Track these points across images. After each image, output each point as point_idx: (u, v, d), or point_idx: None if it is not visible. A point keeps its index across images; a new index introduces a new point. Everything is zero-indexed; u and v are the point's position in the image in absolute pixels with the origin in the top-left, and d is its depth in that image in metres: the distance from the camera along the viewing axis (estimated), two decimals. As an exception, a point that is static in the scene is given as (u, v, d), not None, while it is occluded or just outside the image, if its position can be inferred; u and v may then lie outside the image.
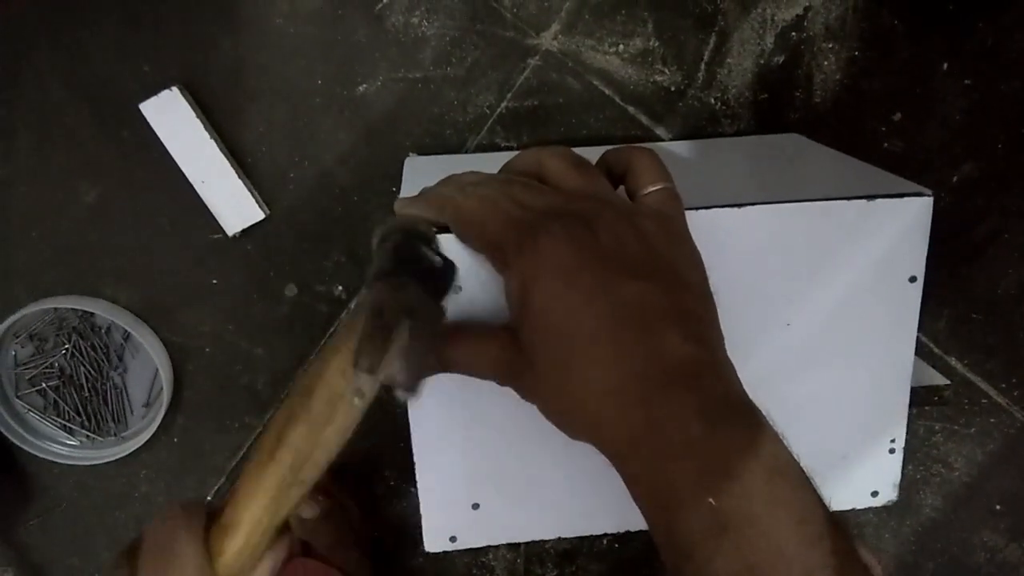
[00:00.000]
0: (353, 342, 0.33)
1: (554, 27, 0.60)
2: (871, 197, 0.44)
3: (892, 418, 0.49)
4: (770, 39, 0.61)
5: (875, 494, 0.51)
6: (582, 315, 0.33)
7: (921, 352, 0.67)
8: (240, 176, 0.61)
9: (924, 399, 0.56)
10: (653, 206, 0.38)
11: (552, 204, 0.36)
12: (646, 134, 0.63)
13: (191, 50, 0.59)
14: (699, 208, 0.42)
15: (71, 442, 0.67)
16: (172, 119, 0.59)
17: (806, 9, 0.60)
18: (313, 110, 0.61)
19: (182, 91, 0.58)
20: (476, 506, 0.47)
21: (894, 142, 0.63)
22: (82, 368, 0.65)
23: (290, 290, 0.65)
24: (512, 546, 0.71)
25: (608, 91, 0.61)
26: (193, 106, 0.59)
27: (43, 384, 0.65)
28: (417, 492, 0.47)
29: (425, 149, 0.62)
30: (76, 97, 0.60)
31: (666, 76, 0.61)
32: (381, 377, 0.33)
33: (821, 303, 0.46)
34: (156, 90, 0.58)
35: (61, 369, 0.65)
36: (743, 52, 0.61)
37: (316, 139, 0.61)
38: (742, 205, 0.43)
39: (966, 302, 0.67)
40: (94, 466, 0.66)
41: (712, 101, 0.62)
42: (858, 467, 0.50)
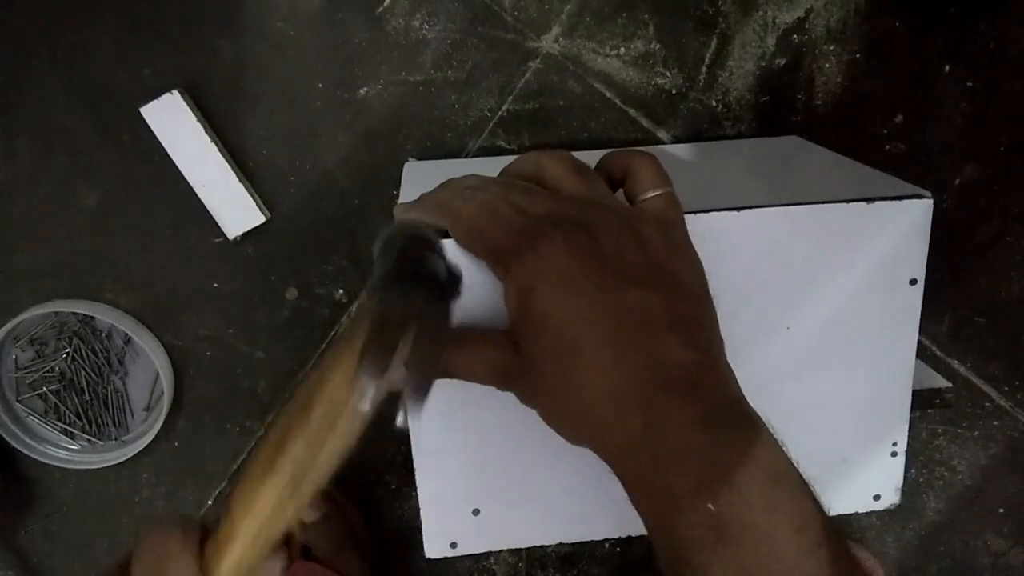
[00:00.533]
0: (357, 350, 0.32)
1: (555, 30, 0.60)
2: (871, 199, 0.43)
3: (894, 421, 0.48)
4: (771, 41, 0.61)
5: (877, 498, 0.50)
6: (582, 321, 0.33)
7: (923, 355, 0.66)
8: (241, 179, 0.61)
9: (926, 402, 0.56)
10: (653, 211, 0.38)
11: (552, 210, 0.36)
12: (647, 137, 0.62)
13: (191, 53, 0.59)
14: (699, 212, 0.42)
15: (72, 446, 0.67)
16: (173, 123, 0.59)
17: (807, 11, 0.60)
18: (314, 113, 0.61)
19: (183, 95, 0.58)
20: (476, 512, 0.47)
21: (896, 144, 0.63)
22: (83, 372, 0.65)
23: (291, 293, 0.65)
24: (514, 550, 0.71)
25: (609, 94, 0.61)
26: (194, 110, 0.59)
27: (44, 388, 0.65)
28: (418, 497, 0.47)
29: (426, 152, 0.62)
30: (77, 101, 0.60)
31: (667, 79, 0.61)
32: (387, 384, 0.32)
33: (822, 306, 0.45)
34: (157, 94, 0.58)
35: (62, 373, 0.65)
36: (744, 54, 0.61)
37: (317, 142, 0.61)
38: (742, 208, 0.43)
39: (969, 305, 0.66)
40: (95, 470, 0.66)
41: (713, 104, 0.62)
42: (860, 471, 0.49)
